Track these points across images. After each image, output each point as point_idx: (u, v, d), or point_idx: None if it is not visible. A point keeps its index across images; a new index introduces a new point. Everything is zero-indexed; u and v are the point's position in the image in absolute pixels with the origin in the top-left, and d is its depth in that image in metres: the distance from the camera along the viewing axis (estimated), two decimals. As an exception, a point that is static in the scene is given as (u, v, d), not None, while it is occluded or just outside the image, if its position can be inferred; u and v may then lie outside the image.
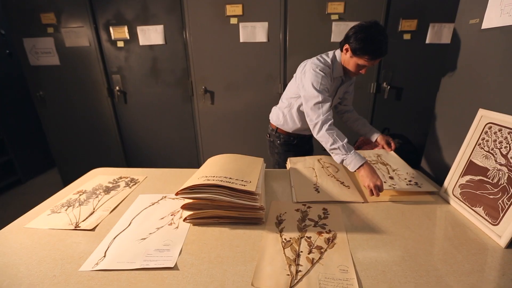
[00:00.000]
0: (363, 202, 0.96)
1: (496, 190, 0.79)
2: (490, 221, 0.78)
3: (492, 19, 0.87)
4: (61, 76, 2.26)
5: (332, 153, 1.10)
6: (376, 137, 1.37)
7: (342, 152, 1.05)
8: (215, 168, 0.92)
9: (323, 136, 1.10)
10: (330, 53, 1.25)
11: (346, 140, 1.07)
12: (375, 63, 1.12)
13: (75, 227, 0.84)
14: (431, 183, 1.04)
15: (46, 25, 2.12)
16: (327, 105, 1.12)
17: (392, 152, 1.29)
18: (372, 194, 0.95)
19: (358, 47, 1.06)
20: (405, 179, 1.05)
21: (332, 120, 1.11)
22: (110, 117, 2.38)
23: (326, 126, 1.09)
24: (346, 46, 1.13)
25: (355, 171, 1.02)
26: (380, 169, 1.13)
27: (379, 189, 0.94)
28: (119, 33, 2.11)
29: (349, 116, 1.49)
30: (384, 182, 0.99)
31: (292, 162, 1.28)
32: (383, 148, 1.34)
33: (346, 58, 1.17)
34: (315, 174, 1.15)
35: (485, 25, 0.90)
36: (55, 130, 2.45)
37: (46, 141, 2.52)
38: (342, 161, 1.07)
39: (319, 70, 1.17)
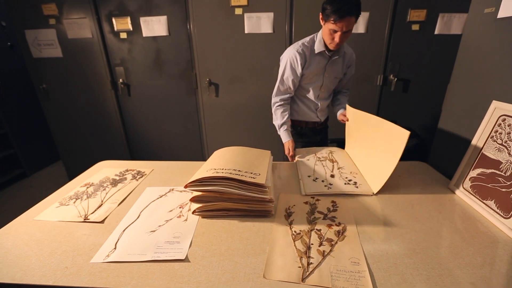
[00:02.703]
0: (371, 195, 0.95)
1: (508, 183, 0.78)
2: (502, 214, 0.77)
3: (509, 7, 0.84)
4: (64, 69, 2.24)
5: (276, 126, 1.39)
6: (338, 113, 1.43)
7: (277, 128, 1.38)
8: (223, 161, 0.91)
9: (273, 112, 1.40)
10: (316, 33, 1.29)
11: (284, 120, 1.35)
12: (344, 28, 1.09)
13: (84, 219, 0.84)
14: (369, 187, 1.00)
15: (47, 16, 2.10)
16: (282, 89, 1.35)
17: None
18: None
19: (325, 9, 1.10)
20: (346, 177, 1.06)
21: (280, 103, 1.36)
22: (113, 109, 2.37)
23: (274, 106, 1.39)
24: (321, 15, 1.16)
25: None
26: (326, 166, 1.16)
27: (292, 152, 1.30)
28: (122, 24, 2.08)
29: (338, 93, 1.50)
30: (322, 181, 1.05)
31: (300, 154, 1.27)
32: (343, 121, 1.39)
33: (323, 29, 1.19)
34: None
35: (502, 14, 0.87)
36: (59, 123, 2.45)
37: (50, 134, 2.52)
38: (280, 135, 1.38)
39: (292, 52, 1.26)
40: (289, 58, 1.27)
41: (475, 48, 0.99)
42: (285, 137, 1.35)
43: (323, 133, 1.56)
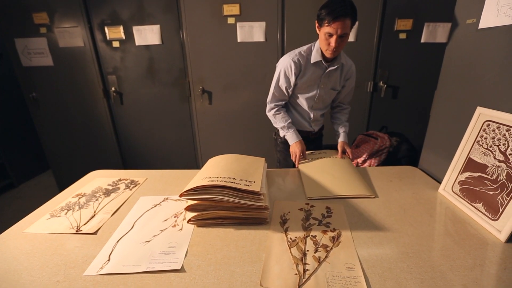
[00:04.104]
0: (374, 197, 0.97)
1: (495, 186, 0.80)
2: (490, 216, 0.80)
3: (489, 19, 0.89)
4: (55, 77, 2.22)
5: (279, 130, 1.40)
6: (338, 141, 1.41)
7: (284, 130, 1.37)
8: (218, 169, 0.91)
9: (271, 118, 1.41)
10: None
11: (288, 122, 1.35)
12: (339, 30, 1.08)
13: (76, 231, 0.83)
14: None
15: (38, 25, 2.08)
16: (277, 96, 1.37)
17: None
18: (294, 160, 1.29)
19: (320, 14, 1.12)
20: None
21: (276, 108, 1.38)
22: (106, 118, 2.34)
23: (272, 112, 1.39)
24: (316, 23, 1.17)
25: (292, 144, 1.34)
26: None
27: (299, 156, 1.28)
28: (115, 33, 2.09)
29: (337, 111, 1.49)
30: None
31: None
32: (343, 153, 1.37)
33: (319, 36, 1.19)
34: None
35: (482, 25, 0.92)
36: (49, 132, 2.41)
37: (39, 144, 2.47)
38: (284, 135, 1.38)
39: (287, 60, 1.26)
40: (284, 67, 1.27)
41: (459, 57, 1.03)
42: (295, 137, 1.33)
43: (317, 142, 1.57)
